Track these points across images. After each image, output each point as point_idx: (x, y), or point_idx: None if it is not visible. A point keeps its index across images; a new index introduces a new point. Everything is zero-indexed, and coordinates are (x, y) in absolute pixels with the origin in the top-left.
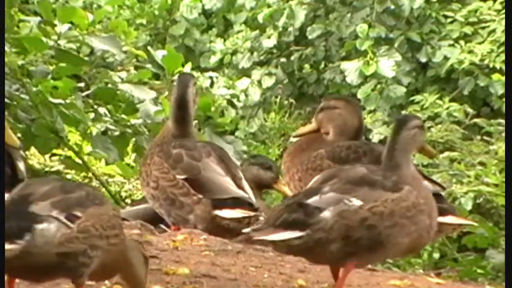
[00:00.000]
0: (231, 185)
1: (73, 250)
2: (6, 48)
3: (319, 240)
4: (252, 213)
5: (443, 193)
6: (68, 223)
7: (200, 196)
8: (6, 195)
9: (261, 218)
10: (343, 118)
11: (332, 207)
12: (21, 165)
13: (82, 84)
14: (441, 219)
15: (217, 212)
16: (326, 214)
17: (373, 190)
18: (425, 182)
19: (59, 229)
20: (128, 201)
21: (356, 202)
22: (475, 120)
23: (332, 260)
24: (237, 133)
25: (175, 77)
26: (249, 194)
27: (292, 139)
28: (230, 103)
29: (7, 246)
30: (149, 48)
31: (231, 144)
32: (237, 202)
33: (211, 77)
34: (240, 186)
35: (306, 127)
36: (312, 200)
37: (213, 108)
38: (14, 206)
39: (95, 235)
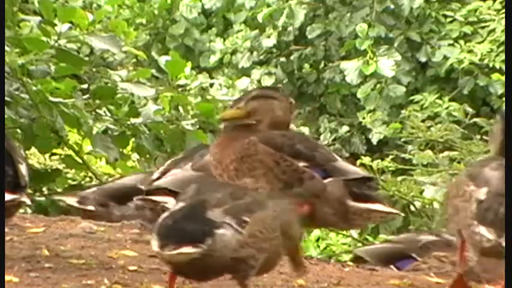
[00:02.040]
0: None
1: (245, 254)
2: (7, 48)
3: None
4: None
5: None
6: (239, 229)
7: None
8: (7, 195)
9: None
10: (280, 109)
11: None
12: (22, 169)
13: (85, 87)
14: (370, 206)
15: None
16: None
17: None
18: (355, 168)
19: (233, 235)
20: None
21: None
22: (475, 119)
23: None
24: None
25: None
26: None
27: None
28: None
29: (190, 249)
30: (153, 53)
31: None
32: None
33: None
34: None
35: (234, 111)
36: None
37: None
38: (191, 211)
39: (261, 239)
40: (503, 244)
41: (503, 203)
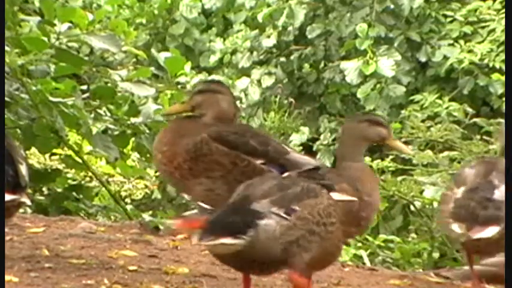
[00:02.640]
0: None
1: (294, 237)
2: (7, 48)
3: None
4: None
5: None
6: (286, 216)
7: None
8: (7, 196)
9: None
10: (225, 103)
11: None
12: (23, 169)
13: (85, 87)
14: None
15: None
16: None
17: None
18: (307, 158)
19: (278, 223)
20: (128, 200)
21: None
22: (475, 119)
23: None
24: None
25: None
26: None
27: (162, 118)
28: None
29: (232, 241)
30: (152, 50)
31: None
32: None
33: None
34: None
35: (179, 106)
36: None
37: None
38: (235, 205)
39: (312, 221)
40: (474, 237)
41: (475, 197)
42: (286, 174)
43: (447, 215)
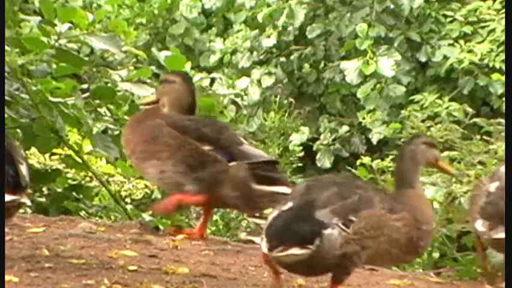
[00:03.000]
0: None
1: (350, 251)
2: (7, 48)
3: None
4: None
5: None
6: (345, 228)
7: None
8: (7, 196)
9: None
10: (179, 92)
11: None
12: (23, 169)
13: (85, 86)
14: (274, 189)
15: None
16: None
17: None
18: (260, 152)
19: (339, 234)
20: (128, 200)
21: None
22: (475, 119)
23: None
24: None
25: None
26: None
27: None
28: (234, 103)
29: (298, 251)
30: (153, 49)
31: None
32: None
33: (212, 78)
34: None
35: (150, 97)
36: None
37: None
38: (300, 212)
39: (366, 236)
40: (495, 236)
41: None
42: (233, 163)
43: (476, 209)
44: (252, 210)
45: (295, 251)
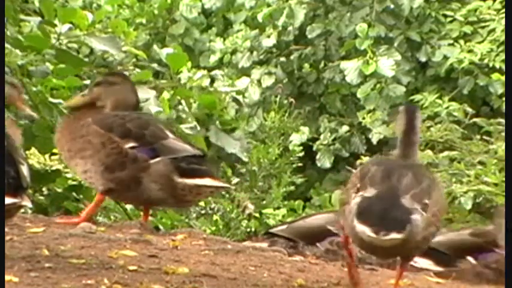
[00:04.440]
0: None
1: (428, 234)
2: (7, 48)
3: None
4: None
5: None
6: (424, 213)
7: None
8: (8, 199)
9: None
10: (122, 93)
11: None
12: (24, 170)
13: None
14: (198, 181)
15: None
16: None
17: None
18: (186, 146)
19: (422, 218)
20: None
21: None
22: (475, 119)
23: None
24: (236, 132)
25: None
26: None
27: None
28: (235, 100)
29: (397, 235)
30: (154, 47)
31: (238, 141)
32: None
33: (212, 76)
34: None
35: (80, 99)
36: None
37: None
38: (389, 198)
39: (438, 218)
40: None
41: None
42: (156, 159)
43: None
44: (180, 205)
45: (396, 235)
